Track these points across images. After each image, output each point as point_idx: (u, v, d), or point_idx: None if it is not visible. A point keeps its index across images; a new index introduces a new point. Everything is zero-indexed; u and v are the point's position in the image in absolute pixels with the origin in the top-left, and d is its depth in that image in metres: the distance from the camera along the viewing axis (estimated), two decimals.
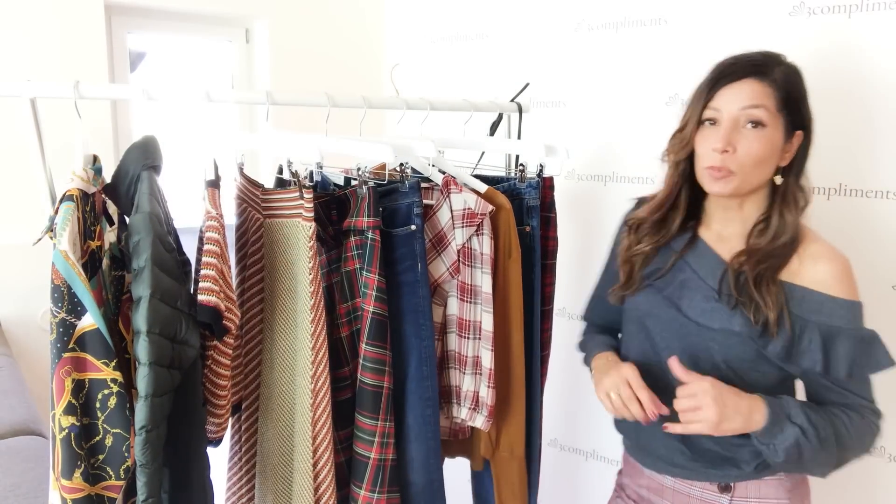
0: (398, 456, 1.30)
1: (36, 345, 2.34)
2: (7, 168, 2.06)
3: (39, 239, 1.09)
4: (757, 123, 1.00)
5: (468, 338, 1.36)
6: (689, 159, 1.10)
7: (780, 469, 1.06)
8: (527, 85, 1.69)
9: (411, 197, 1.27)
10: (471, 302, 1.35)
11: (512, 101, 1.65)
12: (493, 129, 1.69)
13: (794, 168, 1.06)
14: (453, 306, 1.37)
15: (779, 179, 1.06)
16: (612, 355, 1.22)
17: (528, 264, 1.43)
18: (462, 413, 1.39)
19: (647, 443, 1.18)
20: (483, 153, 1.62)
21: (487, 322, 1.33)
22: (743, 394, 1.00)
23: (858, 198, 1.48)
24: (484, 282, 1.32)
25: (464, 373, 1.37)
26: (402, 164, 1.28)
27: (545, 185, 1.49)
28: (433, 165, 1.37)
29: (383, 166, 1.46)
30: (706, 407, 0.97)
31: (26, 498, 1.35)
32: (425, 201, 1.32)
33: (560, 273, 1.57)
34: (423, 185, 1.33)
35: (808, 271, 1.03)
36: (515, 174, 1.49)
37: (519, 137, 1.68)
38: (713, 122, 1.04)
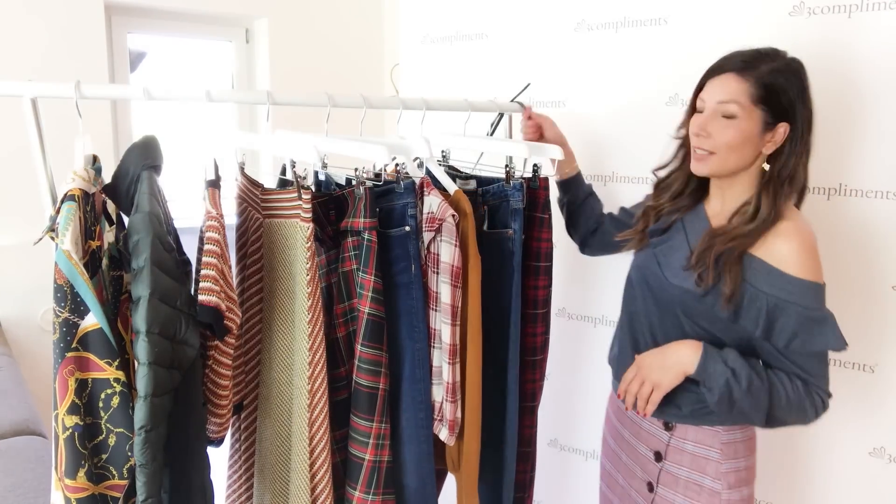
0: (392, 458, 1.29)
1: (36, 345, 2.34)
2: (7, 168, 2.06)
3: (40, 239, 1.09)
4: (729, 116, 1.12)
5: (434, 347, 1.33)
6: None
7: (717, 411, 1.15)
8: (528, 85, 1.69)
9: (406, 198, 1.26)
10: (434, 310, 1.32)
11: (512, 101, 1.65)
12: (493, 128, 1.69)
13: (780, 158, 1.14)
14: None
15: (766, 166, 1.16)
16: None
17: (508, 269, 1.41)
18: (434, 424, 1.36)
19: (617, 375, 1.34)
20: (482, 153, 1.62)
21: (446, 333, 1.29)
22: (667, 348, 1.18)
23: (858, 198, 1.48)
24: (443, 291, 1.28)
25: (432, 382, 1.34)
26: (397, 165, 1.27)
27: (540, 186, 1.48)
28: (420, 166, 1.36)
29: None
30: (636, 381, 1.20)
31: (26, 498, 1.36)
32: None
33: (559, 273, 1.57)
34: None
35: (769, 246, 1.11)
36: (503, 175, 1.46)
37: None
38: (700, 110, 1.18)
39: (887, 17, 1.41)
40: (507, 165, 1.46)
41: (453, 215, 1.26)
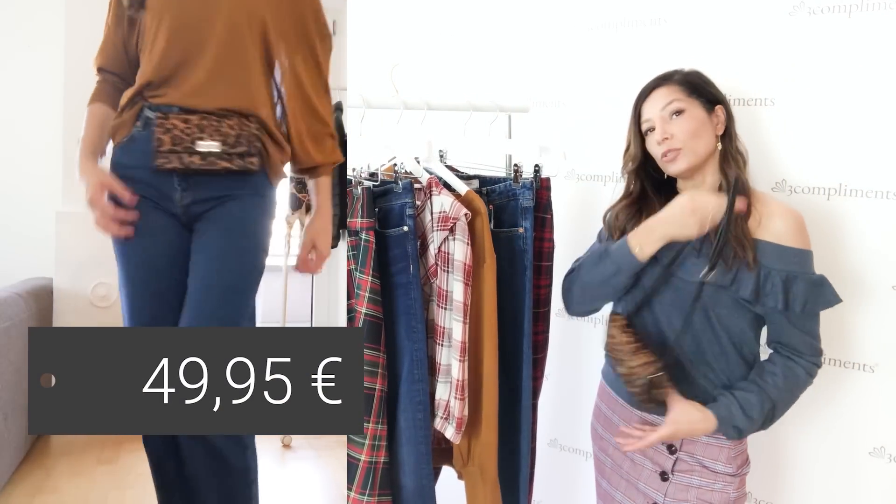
0: (390, 459, 1.30)
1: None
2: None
3: None
4: (677, 112, 1.30)
5: (442, 345, 1.33)
6: (642, 165, 1.39)
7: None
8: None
9: (404, 198, 1.27)
10: (444, 308, 1.32)
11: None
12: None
13: (727, 135, 1.33)
14: (432, 311, 1.35)
15: (719, 145, 1.34)
16: None
17: (520, 267, 1.41)
18: (436, 422, 1.36)
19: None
20: (481, 154, 1.62)
21: (458, 331, 1.29)
22: (697, 424, 1.27)
23: (858, 198, 1.48)
24: (455, 289, 1.28)
25: (437, 380, 1.35)
26: (394, 165, 1.28)
27: (542, 186, 1.48)
28: (422, 166, 1.36)
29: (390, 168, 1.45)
30: (656, 439, 1.30)
31: None
32: (417, 202, 1.31)
33: (558, 274, 1.57)
34: (417, 185, 1.32)
35: (767, 226, 1.27)
36: (510, 174, 1.46)
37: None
38: (650, 129, 1.34)
39: (887, 17, 1.40)
40: (515, 165, 1.47)
41: (466, 214, 1.28)
